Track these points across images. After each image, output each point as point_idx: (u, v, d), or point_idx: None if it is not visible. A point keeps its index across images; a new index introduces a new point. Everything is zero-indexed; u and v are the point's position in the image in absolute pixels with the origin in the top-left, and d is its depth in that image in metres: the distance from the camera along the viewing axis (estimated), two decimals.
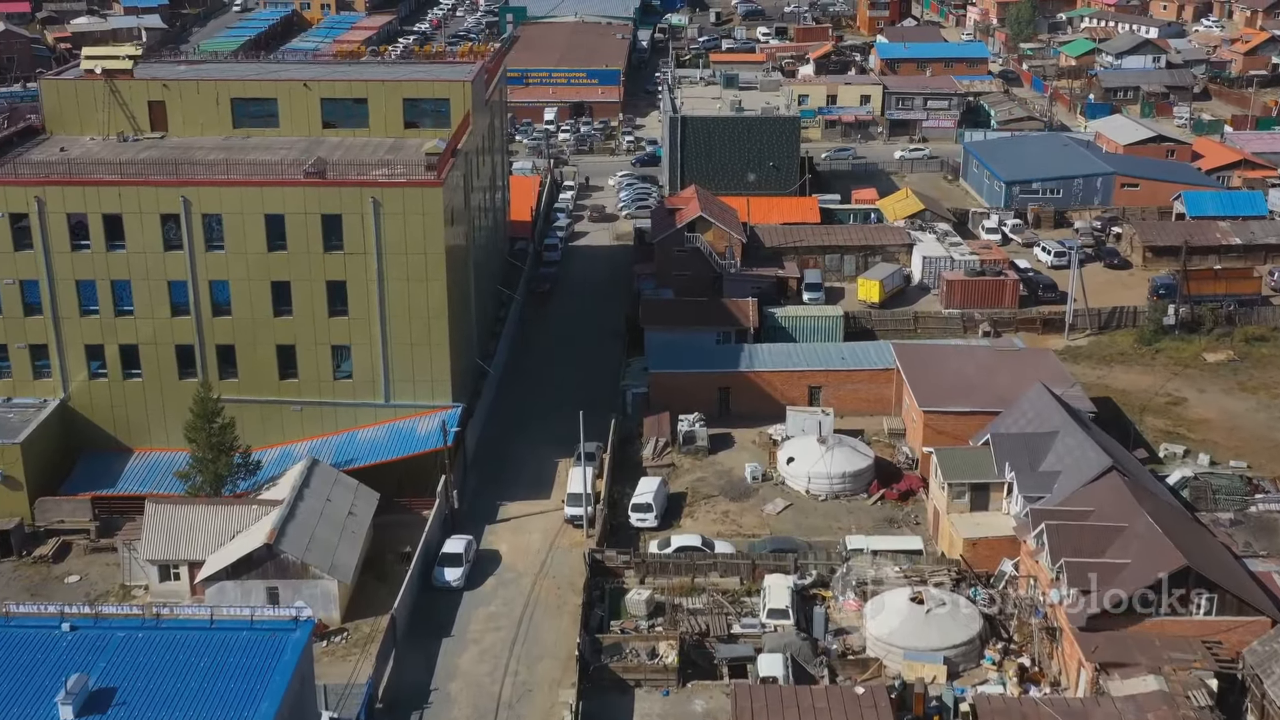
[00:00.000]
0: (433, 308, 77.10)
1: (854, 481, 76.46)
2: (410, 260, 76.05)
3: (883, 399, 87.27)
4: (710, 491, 77.78)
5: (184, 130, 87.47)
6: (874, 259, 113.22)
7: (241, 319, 77.39)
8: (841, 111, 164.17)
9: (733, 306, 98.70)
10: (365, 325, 77.24)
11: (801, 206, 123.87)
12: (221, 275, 76.65)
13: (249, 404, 78.46)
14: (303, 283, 76.67)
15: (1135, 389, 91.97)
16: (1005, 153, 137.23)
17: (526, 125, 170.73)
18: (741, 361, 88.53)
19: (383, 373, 78.15)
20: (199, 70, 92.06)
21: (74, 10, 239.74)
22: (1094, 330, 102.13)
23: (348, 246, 75.91)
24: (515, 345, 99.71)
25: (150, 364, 78.17)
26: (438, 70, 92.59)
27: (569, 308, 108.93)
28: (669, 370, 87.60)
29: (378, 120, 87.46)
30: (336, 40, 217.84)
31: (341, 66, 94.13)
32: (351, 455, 76.60)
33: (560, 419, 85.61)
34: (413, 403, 78.83)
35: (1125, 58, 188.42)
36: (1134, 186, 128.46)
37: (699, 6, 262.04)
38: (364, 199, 74.99)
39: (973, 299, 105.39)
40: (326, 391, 78.83)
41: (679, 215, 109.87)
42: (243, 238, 75.88)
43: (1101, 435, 72.15)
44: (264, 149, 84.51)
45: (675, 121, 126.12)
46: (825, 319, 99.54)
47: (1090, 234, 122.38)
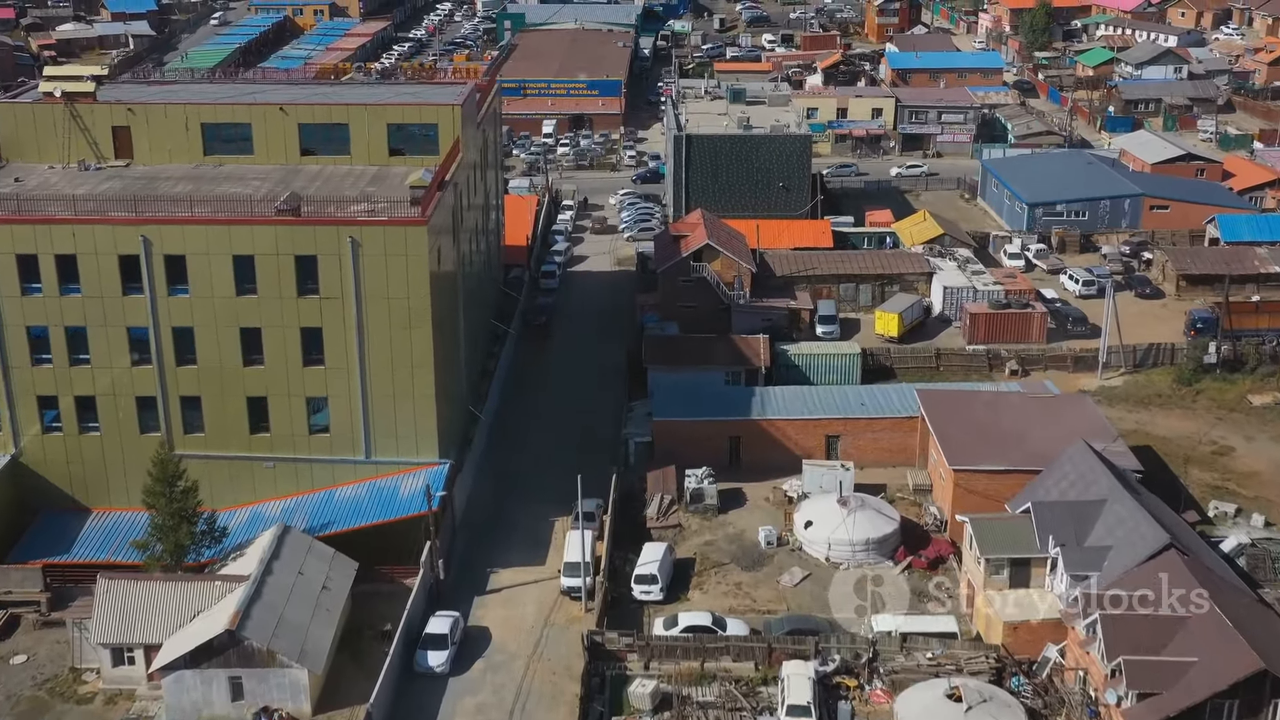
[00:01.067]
0: (417, 357, 70.47)
1: (878, 549, 69.75)
2: (392, 305, 69.42)
3: (906, 449, 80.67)
4: (721, 559, 71.10)
5: (150, 157, 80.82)
6: (891, 288, 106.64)
7: (208, 368, 70.76)
8: (852, 125, 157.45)
9: (742, 344, 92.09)
10: (343, 376, 70.62)
11: (813, 230, 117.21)
12: (186, 321, 69.96)
13: (217, 460, 71.94)
14: (275, 329, 70.02)
15: (1177, 436, 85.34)
16: (1026, 171, 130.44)
17: (524, 139, 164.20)
18: (753, 408, 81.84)
19: (363, 427, 71.52)
20: (168, 92, 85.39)
21: (60, 17, 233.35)
22: (1129, 369, 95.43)
23: (324, 290, 69.27)
24: (509, 386, 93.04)
25: (109, 417, 71.55)
26: (425, 92, 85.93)
27: (567, 342, 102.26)
28: (675, 418, 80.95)
29: (360, 147, 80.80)
30: (328, 48, 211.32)
31: (322, 88, 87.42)
32: (328, 519, 69.93)
33: (558, 471, 79.42)
34: (396, 459, 72.21)
35: (1145, 68, 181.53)
36: (1163, 209, 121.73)
37: (702, 13, 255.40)
38: (341, 239, 68.33)
39: (998, 333, 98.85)
40: (301, 447, 72.18)
41: (684, 243, 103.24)
42: (209, 280, 69.24)
43: (1152, 501, 65.49)
44: (236, 179, 77.90)
45: (680, 140, 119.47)
46: (841, 357, 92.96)
47: (1119, 260, 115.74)
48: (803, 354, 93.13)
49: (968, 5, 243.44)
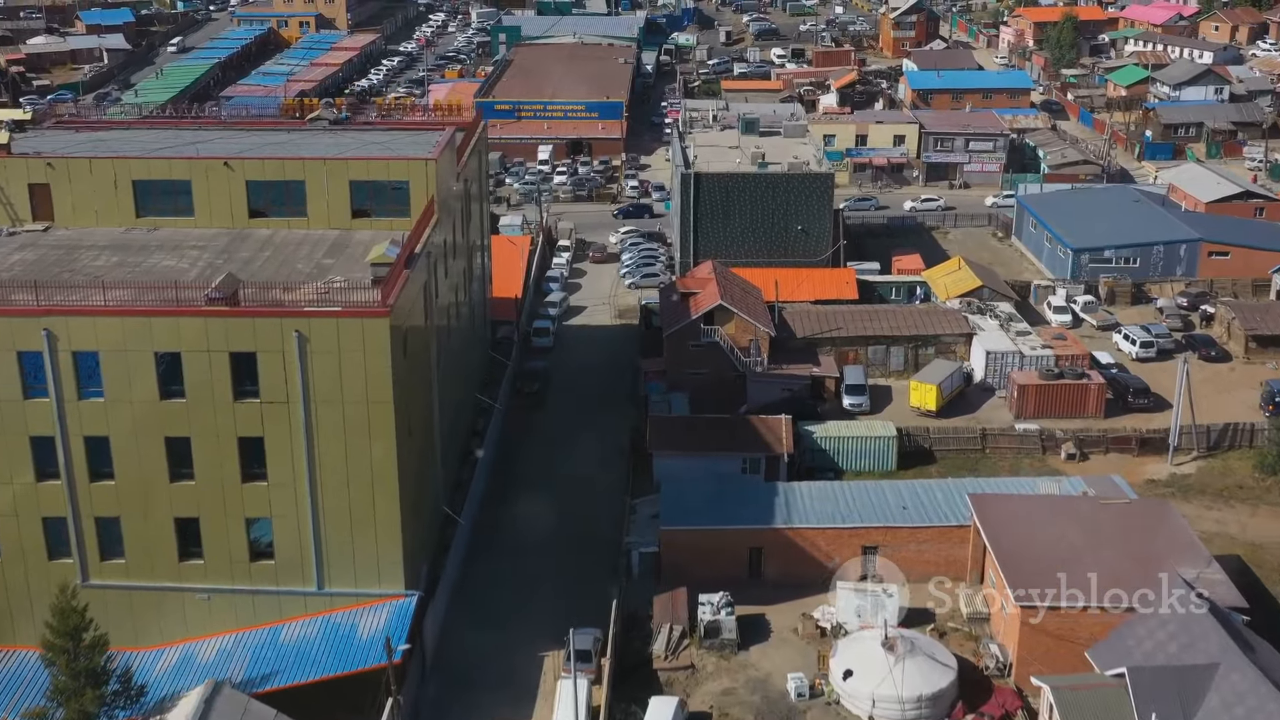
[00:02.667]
0: (378, 471, 58.75)
1: (933, 707, 57.91)
2: (348, 411, 57.70)
3: (955, 562, 68.95)
4: (743, 714, 59.23)
5: (74, 219, 69.35)
6: (926, 351, 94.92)
7: (128, 484, 59.05)
8: (872, 154, 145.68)
9: (761, 426, 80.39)
10: (289, 493, 58.90)
11: (836, 280, 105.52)
12: (100, 430, 58.26)
13: (140, 591, 60.34)
14: (207, 439, 58.31)
15: (1269, 541, 73.54)
16: (1068, 211, 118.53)
17: (518, 165, 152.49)
18: (776, 513, 69.98)
19: (314, 553, 59.81)
20: (96, 141, 73.58)
21: (31, 30, 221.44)
22: (1201, 452, 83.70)
23: (265, 393, 57.56)
24: (496, 472, 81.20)
25: (10, 542, 59.91)
26: (396, 142, 74.18)
27: (563, 414, 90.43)
28: (686, 526, 69.18)
29: (318, 208, 69.35)
30: (313, 63, 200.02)
31: (277, 136, 75.54)
32: (270, 668, 58.12)
33: (550, 590, 68.05)
34: (354, 590, 60.53)
35: (1184, 88, 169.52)
36: (1223, 255, 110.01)
37: (708, 24, 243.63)
38: (285, 333, 56.58)
39: (1050, 407, 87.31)
40: (241, 576, 60.46)
41: (694, 302, 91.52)
42: (127, 382, 57.55)
43: (1272, 660, 53.66)
44: (171, 248, 66.41)
45: (688, 179, 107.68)
46: (875, 440, 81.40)
47: (1177, 315, 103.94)
48: (830, 436, 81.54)
49: (987, 18, 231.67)
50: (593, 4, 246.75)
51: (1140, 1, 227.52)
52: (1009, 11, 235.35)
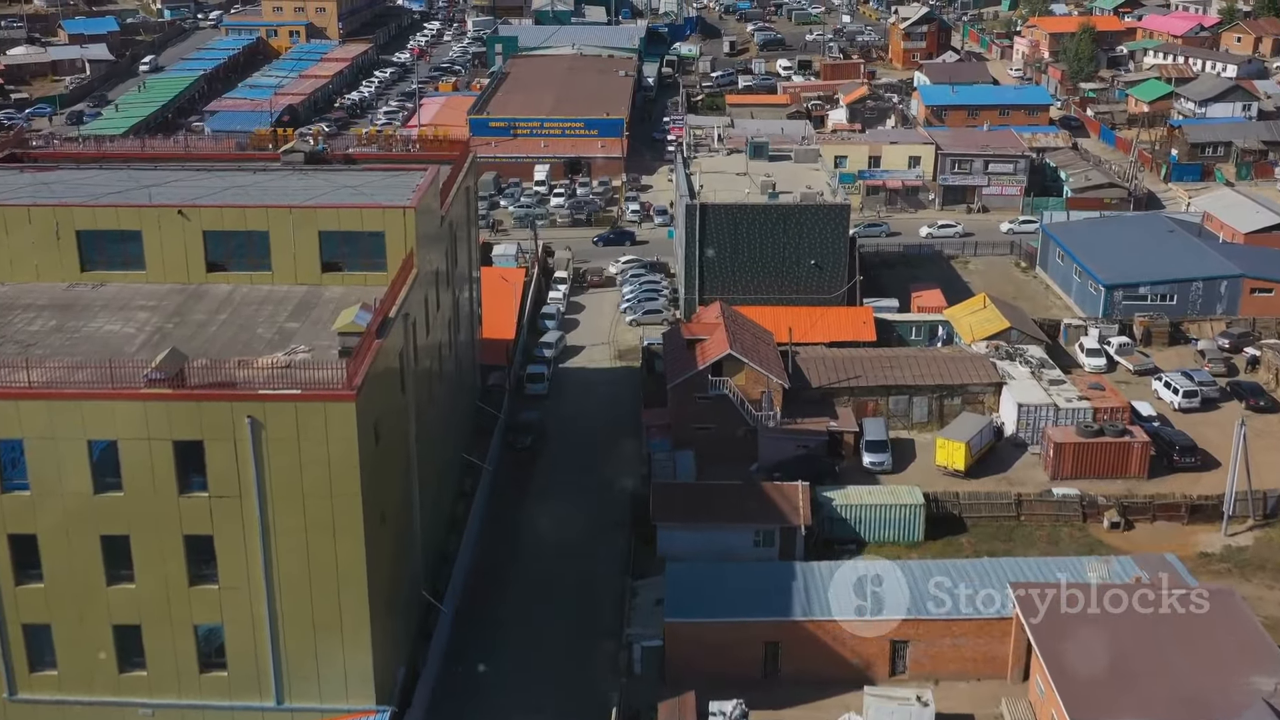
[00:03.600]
0: (344, 571, 51.47)
1: None
2: (310, 505, 50.44)
3: (995, 659, 61.76)
4: None
5: (11, 273, 62.10)
6: (952, 401, 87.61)
7: (59, 588, 51.79)
8: (886, 176, 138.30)
9: (776, 494, 73.06)
10: (243, 597, 51.63)
11: (853, 320, 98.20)
12: (26, 526, 50.97)
13: (75, 706, 53.08)
14: (148, 537, 51.02)
15: None
16: (1098, 242, 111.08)
17: (513, 186, 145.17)
18: (795, 604, 62.56)
19: (271, 664, 52.52)
20: (38, 185, 66.11)
21: (12, 39, 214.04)
22: (1257, 519, 76.43)
23: (214, 487, 50.26)
24: (482, 545, 73.84)
25: None
26: (371, 186, 66.65)
27: (558, 474, 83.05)
28: (694, 619, 61.84)
29: (284, 261, 62.05)
30: (303, 74, 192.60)
31: (241, 178, 68.01)
32: None
33: (542, 691, 60.83)
34: (318, 706, 53.27)
35: (1210, 104, 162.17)
36: (1266, 292, 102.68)
37: (711, 34, 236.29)
38: (237, 419, 49.30)
39: (1089, 467, 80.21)
40: (190, 689, 53.17)
41: (701, 351, 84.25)
42: (56, 473, 50.27)
43: None
44: (117, 308, 59.18)
45: (693, 210, 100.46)
46: (901, 509, 74.05)
47: (1219, 358, 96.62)
48: (852, 505, 74.20)
49: (1000, 28, 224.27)
50: (592, 13, 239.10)
51: (1159, 11, 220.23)
52: (1023, 22, 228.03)
